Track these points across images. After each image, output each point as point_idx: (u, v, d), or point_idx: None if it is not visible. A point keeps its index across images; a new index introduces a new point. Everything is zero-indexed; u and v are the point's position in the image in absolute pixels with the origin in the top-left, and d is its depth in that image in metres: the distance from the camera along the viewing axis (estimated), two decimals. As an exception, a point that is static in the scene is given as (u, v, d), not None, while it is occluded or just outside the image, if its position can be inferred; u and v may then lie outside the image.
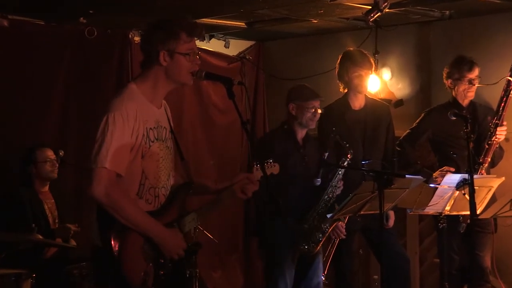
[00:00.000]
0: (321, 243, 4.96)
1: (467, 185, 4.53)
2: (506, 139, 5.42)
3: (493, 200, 4.84)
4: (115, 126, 3.26)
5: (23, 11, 5.83)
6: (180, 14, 3.50)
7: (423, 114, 5.60)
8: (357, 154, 5.01)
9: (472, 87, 5.35)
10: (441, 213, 4.86)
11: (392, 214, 5.17)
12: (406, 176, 4.39)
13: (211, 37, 7.06)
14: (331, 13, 6.05)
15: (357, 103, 5.24)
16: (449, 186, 4.72)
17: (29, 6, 5.69)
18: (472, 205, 4.42)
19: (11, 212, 5.23)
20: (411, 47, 6.67)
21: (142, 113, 3.34)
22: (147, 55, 3.44)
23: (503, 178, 4.78)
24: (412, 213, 5.10)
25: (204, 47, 6.69)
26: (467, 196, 4.53)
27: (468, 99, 5.40)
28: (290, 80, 6.55)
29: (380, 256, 4.98)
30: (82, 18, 6.00)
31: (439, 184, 4.79)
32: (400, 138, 5.52)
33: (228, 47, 7.25)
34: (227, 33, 7.03)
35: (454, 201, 4.76)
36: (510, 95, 5.12)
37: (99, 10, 5.79)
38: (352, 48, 5.43)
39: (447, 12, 6.20)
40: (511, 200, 4.55)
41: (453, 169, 5.20)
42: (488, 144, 5.16)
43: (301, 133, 5.08)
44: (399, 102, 6.68)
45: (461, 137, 4.94)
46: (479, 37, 6.20)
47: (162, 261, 3.36)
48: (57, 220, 5.43)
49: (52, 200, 5.47)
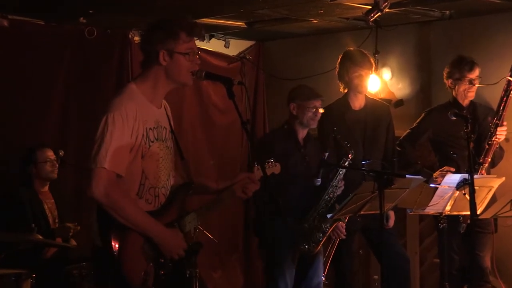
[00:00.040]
0: (322, 243, 4.96)
1: (467, 185, 4.53)
2: (506, 139, 5.42)
3: (493, 200, 4.83)
4: (115, 126, 3.25)
5: (23, 11, 5.83)
6: (180, 14, 3.50)
7: (423, 114, 5.60)
8: (357, 154, 5.00)
9: (472, 87, 5.35)
10: (441, 213, 4.86)
11: (392, 214, 5.16)
12: (406, 176, 4.38)
13: (211, 37, 7.05)
14: (331, 13, 6.04)
15: (357, 103, 5.24)
16: (449, 186, 4.71)
17: (29, 6, 5.68)
18: (473, 205, 4.42)
19: (11, 212, 5.23)
20: (411, 47, 6.67)
21: (141, 113, 3.34)
22: (147, 55, 3.44)
23: (504, 178, 4.78)
24: (412, 213, 5.09)
25: (204, 47, 6.68)
26: (467, 196, 4.53)
27: (468, 99, 5.40)
28: (290, 80, 6.55)
29: (380, 256, 4.97)
30: (82, 18, 6.00)
31: (439, 184, 4.78)
32: (401, 138, 5.52)
33: (228, 47, 7.24)
34: (227, 33, 7.02)
35: (455, 201, 4.76)
36: (510, 95, 5.12)
37: (99, 10, 5.79)
38: (352, 48, 5.43)
39: (447, 12, 6.19)
40: (511, 200, 4.56)
41: (453, 169, 5.20)
42: (488, 144, 5.15)
43: (302, 132, 5.08)
44: (399, 102, 6.67)
45: (461, 137, 4.94)
46: (479, 37, 6.20)
47: (162, 261, 3.35)
48: (57, 220, 5.43)
49: (52, 200, 5.47)
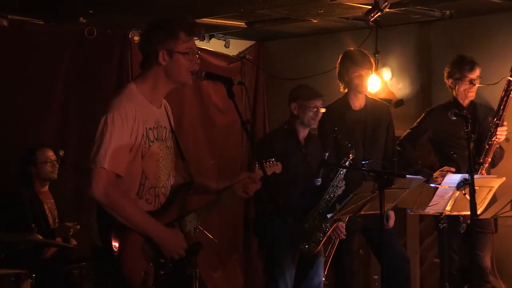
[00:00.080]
0: (322, 243, 4.96)
1: (467, 185, 4.52)
2: (507, 139, 5.42)
3: (493, 200, 4.83)
4: (114, 126, 3.25)
5: (23, 11, 5.83)
6: (180, 14, 3.49)
7: (423, 114, 5.60)
8: (357, 154, 5.00)
9: (473, 87, 5.34)
10: (441, 213, 4.85)
11: (392, 214, 5.16)
12: (407, 176, 4.38)
13: (211, 37, 7.05)
14: (331, 13, 6.04)
15: (357, 103, 5.23)
16: (449, 186, 4.71)
17: (29, 6, 5.68)
18: (473, 205, 4.42)
19: (11, 212, 5.23)
20: (412, 47, 6.66)
21: (141, 113, 3.34)
22: (146, 55, 3.43)
23: (504, 178, 4.78)
24: (412, 213, 5.09)
25: (204, 47, 6.69)
26: (467, 196, 4.53)
27: (468, 99, 5.40)
28: (290, 80, 6.55)
29: (380, 256, 4.97)
30: (82, 18, 6.00)
31: (440, 184, 4.78)
32: (401, 138, 5.52)
33: (228, 47, 7.24)
34: (227, 33, 7.02)
35: (455, 201, 4.76)
36: (511, 95, 5.11)
37: (99, 10, 5.79)
38: (353, 48, 5.42)
39: (448, 12, 6.19)
40: (511, 200, 4.55)
41: (453, 169, 5.19)
42: (489, 144, 5.15)
43: (303, 132, 5.07)
44: (400, 102, 6.67)
45: (461, 137, 4.94)
46: (479, 37, 6.19)
47: (162, 261, 3.35)
48: (57, 220, 5.43)
49: (52, 200, 5.46)
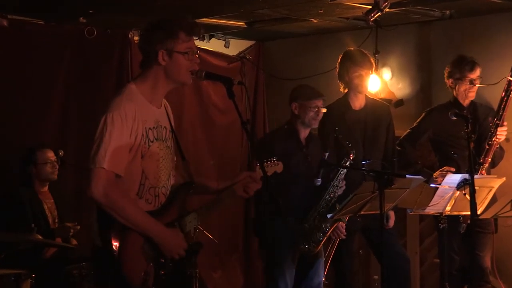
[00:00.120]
0: (322, 243, 4.96)
1: (467, 185, 4.52)
2: (507, 140, 5.42)
3: (493, 200, 4.83)
4: (114, 126, 3.25)
5: (23, 11, 5.83)
6: (180, 14, 3.49)
7: (423, 114, 5.60)
8: (357, 154, 5.00)
9: (473, 87, 5.34)
10: (441, 213, 4.85)
11: (392, 214, 5.16)
12: (407, 176, 4.38)
13: (211, 37, 7.05)
14: (331, 12, 6.03)
15: (358, 103, 5.23)
16: (449, 186, 4.71)
17: (29, 6, 5.68)
18: (473, 205, 4.41)
19: (11, 212, 5.23)
20: (412, 47, 6.66)
21: (141, 113, 3.33)
22: (146, 55, 3.43)
23: (504, 179, 4.78)
24: (412, 213, 5.09)
25: (204, 47, 6.69)
26: (467, 196, 4.52)
27: (469, 99, 5.39)
28: (290, 80, 6.54)
29: (380, 256, 4.97)
30: (82, 18, 6.00)
31: (440, 184, 4.78)
32: (401, 138, 5.52)
33: (228, 47, 7.24)
34: (227, 33, 7.02)
35: (455, 201, 4.75)
36: (511, 95, 5.11)
37: (99, 10, 5.79)
38: (353, 48, 5.42)
39: (448, 11, 6.18)
40: (511, 200, 4.56)
41: (453, 169, 5.19)
42: (489, 144, 5.15)
43: (304, 132, 5.07)
44: (400, 102, 6.67)
45: (461, 137, 4.94)
46: (479, 37, 6.19)
47: (162, 261, 3.35)
48: (57, 220, 5.43)
49: (52, 200, 5.46)
